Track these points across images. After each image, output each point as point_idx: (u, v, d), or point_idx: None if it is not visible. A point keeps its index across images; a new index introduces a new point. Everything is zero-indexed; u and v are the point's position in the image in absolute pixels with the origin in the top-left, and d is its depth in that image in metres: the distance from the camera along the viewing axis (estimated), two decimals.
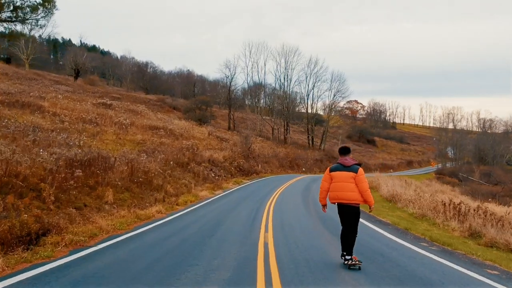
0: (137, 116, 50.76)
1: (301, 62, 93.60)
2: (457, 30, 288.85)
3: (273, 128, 78.18)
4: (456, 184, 72.56)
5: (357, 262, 8.14)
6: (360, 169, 8.10)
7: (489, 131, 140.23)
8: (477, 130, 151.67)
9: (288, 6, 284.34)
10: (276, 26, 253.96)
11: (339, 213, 8.35)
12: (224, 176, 37.66)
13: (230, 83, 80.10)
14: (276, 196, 24.96)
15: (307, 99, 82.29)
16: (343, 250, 8.34)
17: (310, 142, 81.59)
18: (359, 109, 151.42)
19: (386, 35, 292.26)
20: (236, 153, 44.49)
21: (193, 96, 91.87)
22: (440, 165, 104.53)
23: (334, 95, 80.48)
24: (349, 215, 8.18)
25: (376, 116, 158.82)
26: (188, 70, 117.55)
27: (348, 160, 8.27)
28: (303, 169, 61.41)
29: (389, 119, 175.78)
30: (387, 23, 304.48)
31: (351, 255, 8.20)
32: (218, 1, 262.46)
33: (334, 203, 8.34)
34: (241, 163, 42.61)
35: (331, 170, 8.37)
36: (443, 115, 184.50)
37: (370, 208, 8.42)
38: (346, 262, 8.24)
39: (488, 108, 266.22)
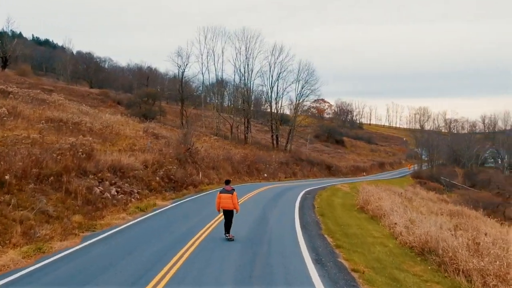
0: (41, 106, 35.79)
1: (264, 50, 77.48)
2: (420, 31, 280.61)
3: (232, 125, 63.62)
4: (441, 190, 59.88)
5: (231, 237, 13.30)
6: (234, 193, 13.57)
7: (458, 131, 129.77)
8: (445, 130, 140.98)
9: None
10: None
11: (224, 213, 13.57)
12: (137, 192, 23.06)
13: (183, 73, 65.30)
14: None
15: (271, 92, 67.92)
16: (225, 232, 13.50)
17: (275, 142, 67.34)
18: (326, 108, 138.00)
19: (350, 36, 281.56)
20: (167, 156, 29.74)
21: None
22: (416, 167, 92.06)
23: (302, 87, 66.33)
24: (228, 214, 13.48)
25: (344, 116, 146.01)
26: (150, 66, 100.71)
27: (228, 187, 13.63)
28: (265, 174, 47.04)
29: (356, 119, 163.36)
30: (351, 23, 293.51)
31: (228, 233, 13.40)
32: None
33: (220, 210, 13.56)
34: (173, 170, 27.91)
35: (220, 193, 13.67)
36: (410, 115, 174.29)
37: (236, 211, 13.63)
38: (226, 236, 13.36)
39: (455, 109, 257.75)
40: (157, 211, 18.87)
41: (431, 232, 13.30)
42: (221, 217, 15.71)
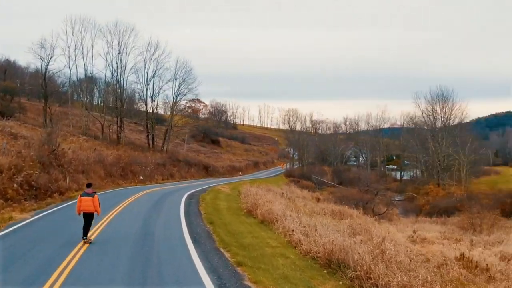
0: None
1: (139, 45, 72.62)
2: (287, 37, 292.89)
3: (103, 125, 58.75)
4: (313, 188, 61.70)
5: (89, 240, 13.19)
6: (96, 195, 13.73)
7: (324, 132, 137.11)
8: (312, 131, 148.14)
9: None
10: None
11: (84, 216, 13.40)
12: None
13: (46, 67, 58.37)
14: None
15: (146, 90, 64.12)
16: (83, 235, 13.28)
17: (150, 143, 63.81)
18: (202, 108, 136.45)
19: (217, 38, 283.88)
20: (27, 158, 25.46)
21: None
22: (288, 166, 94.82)
23: (179, 86, 63.74)
24: (88, 217, 13.43)
25: (218, 116, 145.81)
26: (8, 59, 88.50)
27: (89, 190, 13.76)
28: (141, 177, 43.85)
29: (231, 119, 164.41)
30: (219, 26, 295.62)
31: (86, 236, 13.26)
32: None
33: (81, 213, 13.51)
34: (34, 175, 23.87)
35: (81, 196, 13.74)
36: (280, 116, 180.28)
37: (98, 214, 13.81)
38: (83, 239, 13.15)
39: (320, 110, 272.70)
40: (14, 227, 15.37)
41: (336, 241, 12.16)
42: (97, 229, 14.46)
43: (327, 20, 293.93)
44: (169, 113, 71.82)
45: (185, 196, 28.29)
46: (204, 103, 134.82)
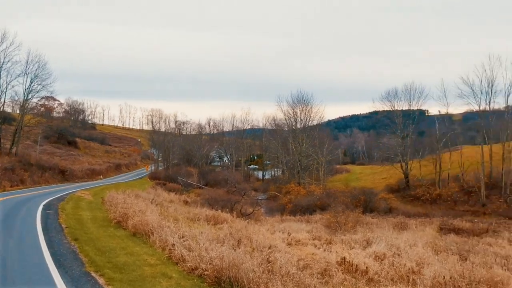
0: None
1: None
2: (149, 36, 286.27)
3: None
4: (180, 191, 60.15)
5: None
6: None
7: (189, 133, 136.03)
8: (176, 131, 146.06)
9: None
10: None
11: None
12: None
13: None
14: None
15: None
16: None
17: None
18: (56, 107, 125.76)
19: (76, 34, 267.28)
20: None
21: None
22: (152, 167, 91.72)
23: (32, 81, 57.15)
24: None
25: (75, 116, 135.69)
26: None
27: None
28: None
29: (89, 119, 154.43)
30: (77, 20, 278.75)
31: None
32: None
33: None
34: None
35: None
36: (143, 116, 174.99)
37: None
38: None
39: (184, 111, 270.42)
40: None
41: (226, 254, 11.16)
42: None
43: (191, 22, 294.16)
44: (18, 112, 64.52)
45: (41, 206, 24.90)
46: (59, 101, 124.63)
